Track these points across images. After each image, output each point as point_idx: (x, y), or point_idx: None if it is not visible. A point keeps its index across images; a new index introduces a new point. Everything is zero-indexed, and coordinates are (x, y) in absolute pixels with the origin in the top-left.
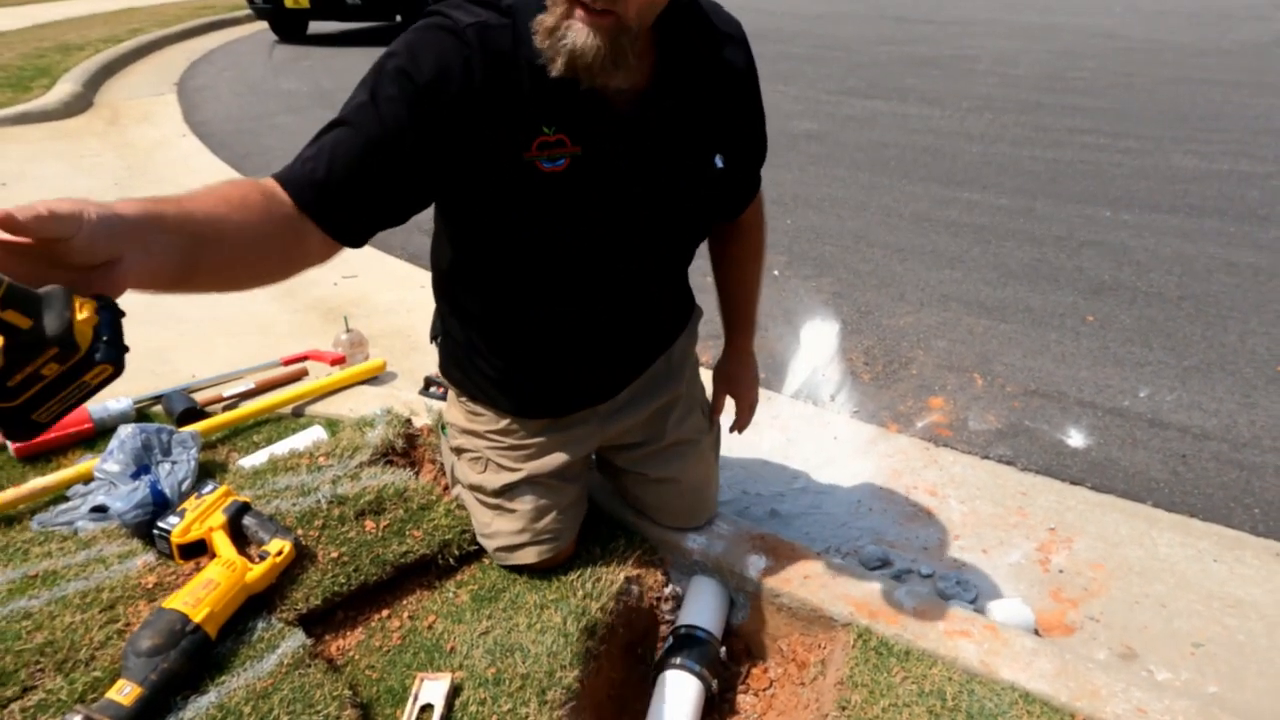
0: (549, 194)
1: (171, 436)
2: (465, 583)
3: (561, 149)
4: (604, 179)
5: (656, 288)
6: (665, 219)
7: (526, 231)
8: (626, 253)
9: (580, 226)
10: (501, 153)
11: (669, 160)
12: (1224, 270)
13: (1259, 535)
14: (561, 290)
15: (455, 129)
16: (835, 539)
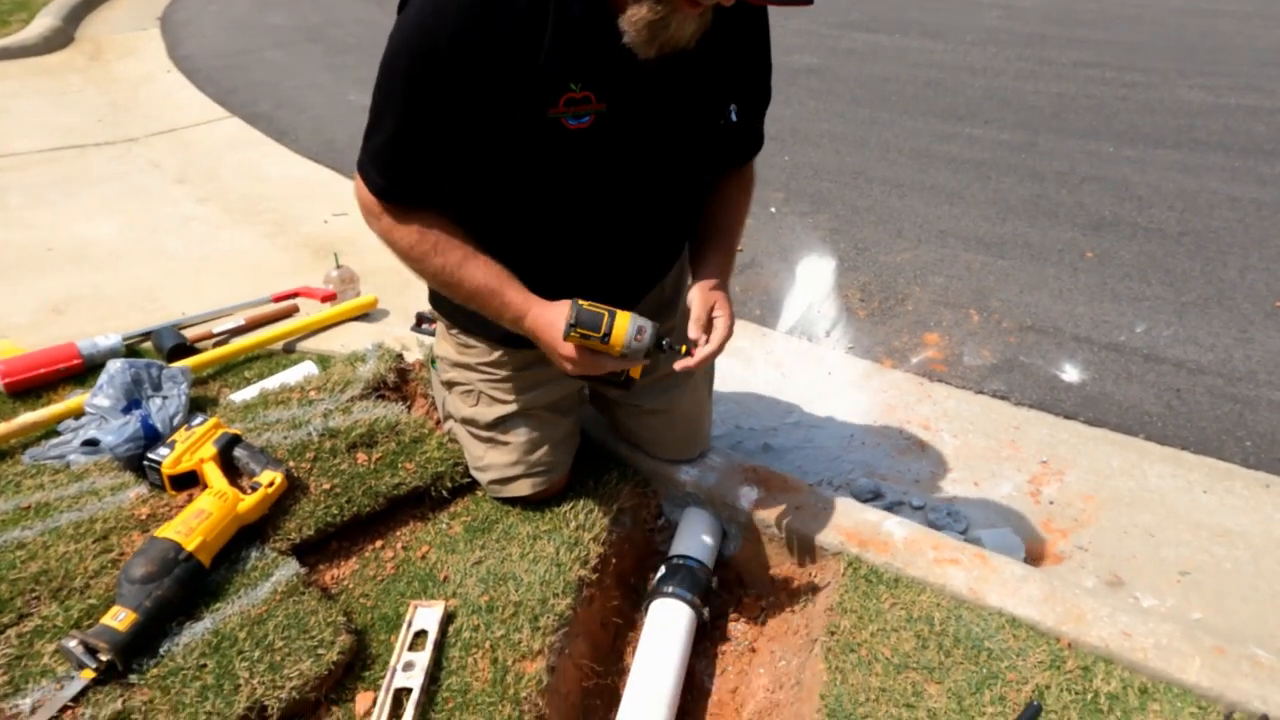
0: (572, 150)
1: (161, 371)
2: (458, 514)
3: (587, 105)
4: (626, 135)
5: (657, 226)
6: (677, 168)
7: (542, 183)
8: (634, 197)
9: (597, 178)
10: (526, 109)
11: (688, 113)
12: (1226, 205)
13: (1250, 467)
14: (563, 229)
15: (481, 86)
16: (827, 472)
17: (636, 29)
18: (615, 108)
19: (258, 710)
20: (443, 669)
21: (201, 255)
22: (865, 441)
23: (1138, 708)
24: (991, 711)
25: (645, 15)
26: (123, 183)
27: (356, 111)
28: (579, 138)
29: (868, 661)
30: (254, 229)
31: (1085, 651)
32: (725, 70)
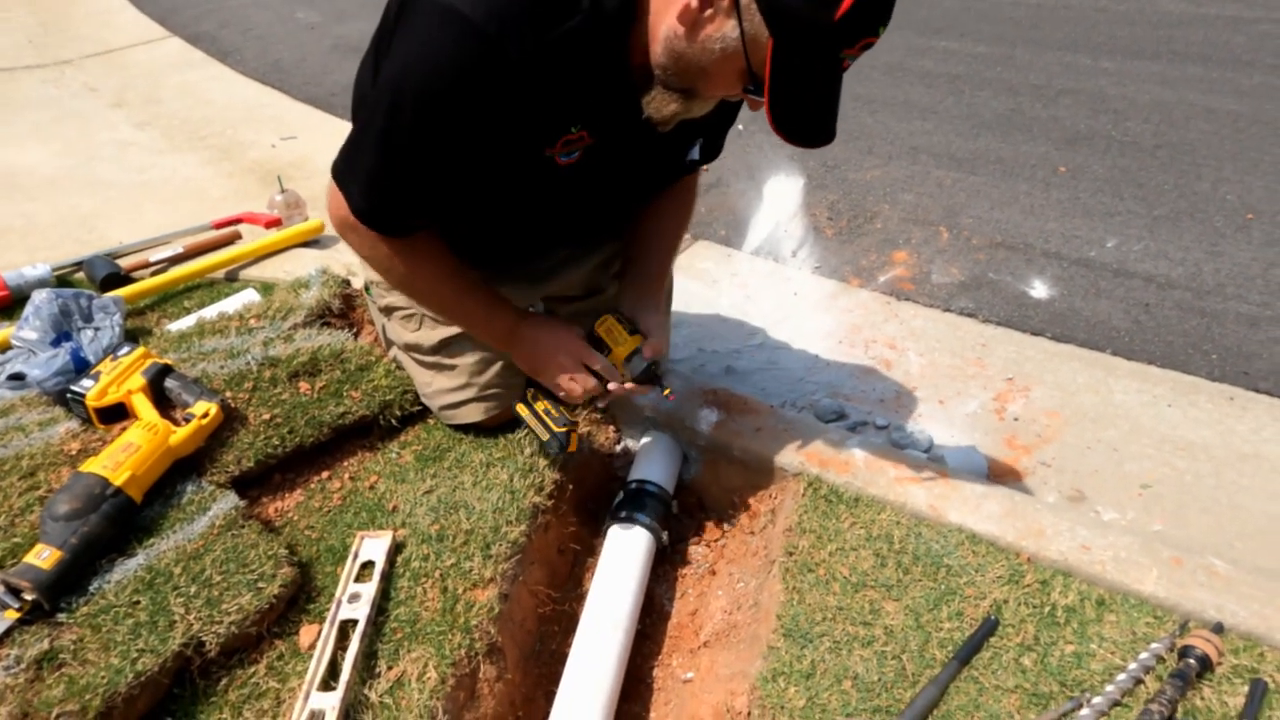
0: (559, 182)
1: (92, 302)
2: (409, 443)
3: (580, 143)
4: (609, 163)
5: (615, 219)
6: (651, 184)
7: (524, 208)
8: (602, 207)
9: (575, 200)
10: (524, 150)
11: (664, 150)
12: (1202, 117)
13: (1215, 380)
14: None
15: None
16: (791, 394)
17: (659, 115)
18: (603, 141)
19: (194, 646)
20: (391, 600)
21: (141, 182)
22: (830, 362)
23: (1094, 619)
24: (949, 627)
25: (673, 109)
26: (56, 107)
27: (303, 30)
28: (568, 171)
29: (825, 581)
30: (196, 154)
31: (1044, 566)
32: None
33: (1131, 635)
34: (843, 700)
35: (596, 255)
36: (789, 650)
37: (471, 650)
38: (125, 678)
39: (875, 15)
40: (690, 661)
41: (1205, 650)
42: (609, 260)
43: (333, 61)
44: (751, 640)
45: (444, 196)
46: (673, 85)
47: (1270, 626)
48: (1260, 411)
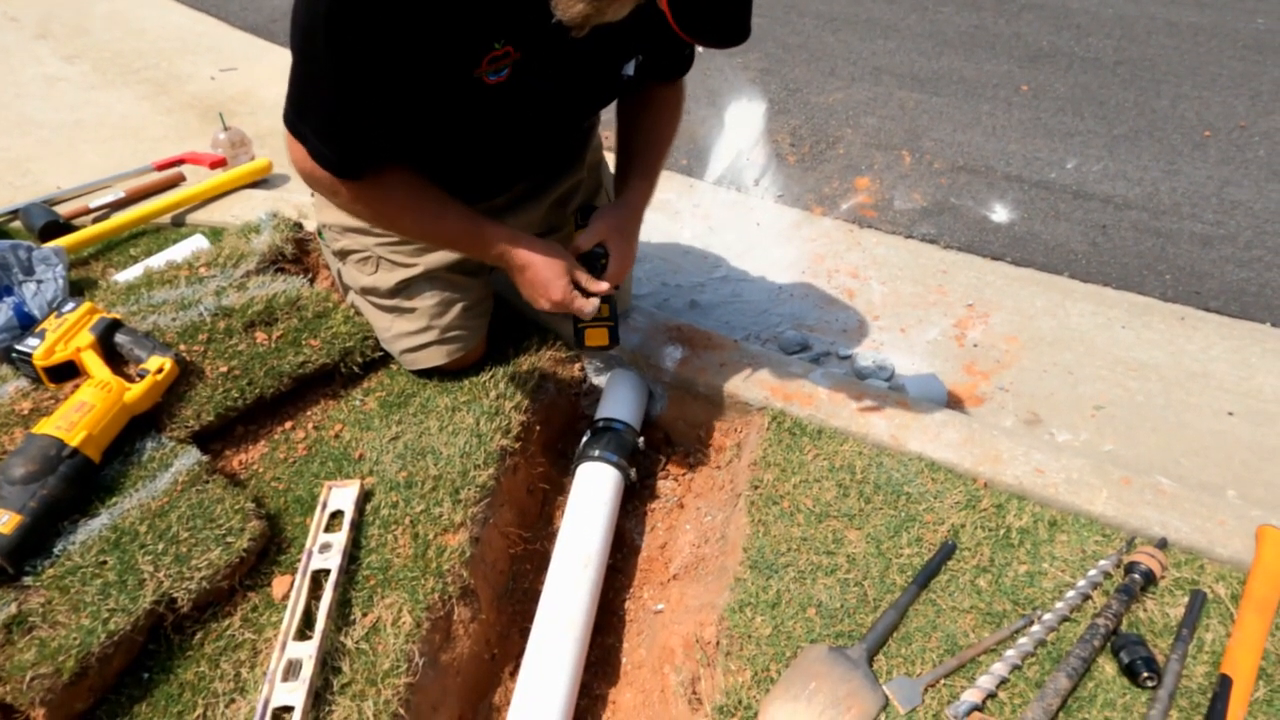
0: (492, 102)
1: (31, 253)
2: (372, 390)
3: (506, 59)
4: (539, 80)
5: (570, 137)
6: (588, 102)
7: (461, 131)
8: (548, 124)
9: (512, 121)
10: (450, 71)
11: (599, 61)
12: (1164, 31)
13: (1168, 300)
14: (472, 153)
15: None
16: (755, 326)
17: (568, 16)
18: (530, 56)
19: (166, 602)
20: (362, 548)
21: (74, 121)
22: (793, 293)
23: (1046, 539)
24: (908, 553)
25: (581, 9)
26: None
27: None
28: (498, 90)
29: (790, 513)
30: (131, 89)
31: (1000, 490)
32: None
33: (1081, 554)
34: (807, 627)
35: (553, 191)
36: (755, 581)
37: (445, 594)
38: (98, 638)
39: None
40: (660, 593)
41: (1149, 565)
42: (566, 196)
43: None
44: (719, 572)
45: (388, 123)
46: None
47: (1210, 540)
48: (1209, 331)
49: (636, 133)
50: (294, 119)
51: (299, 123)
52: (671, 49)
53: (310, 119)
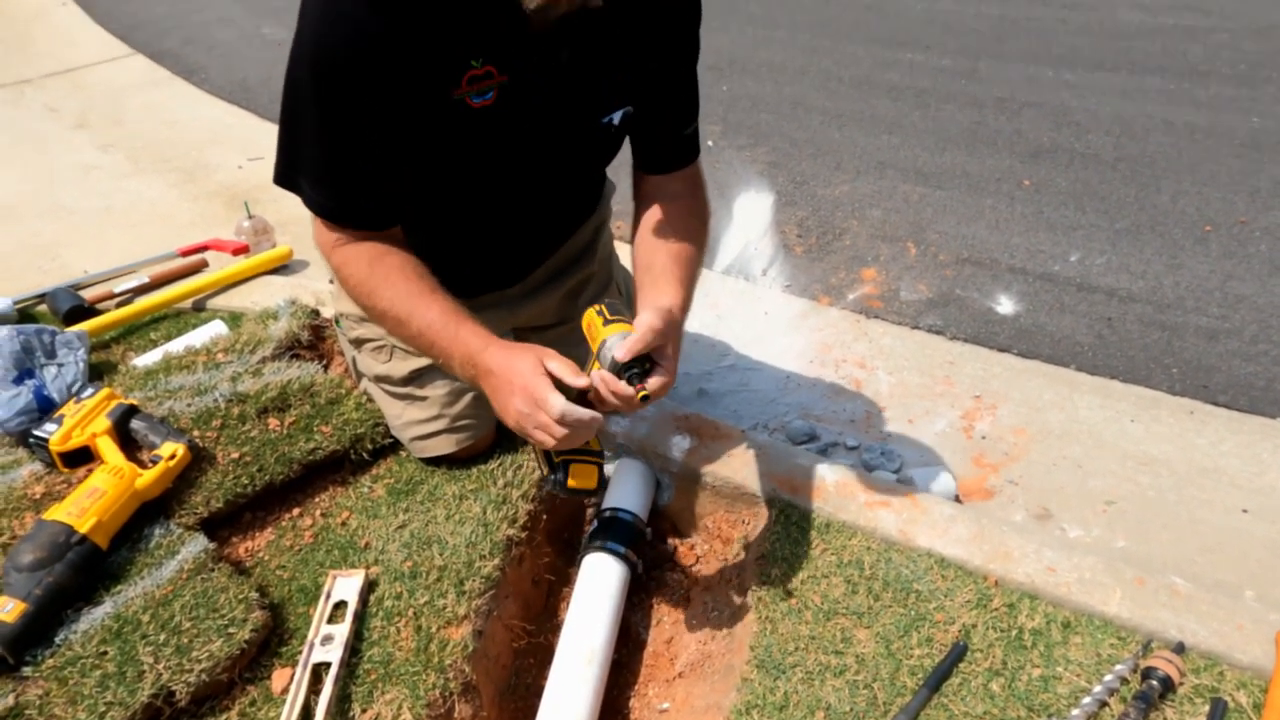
0: (478, 128)
1: (55, 337)
2: (381, 477)
3: (490, 81)
4: (528, 105)
5: (566, 190)
6: (582, 139)
7: (451, 164)
8: (542, 166)
9: (504, 154)
10: (430, 94)
11: (578, 85)
12: (1161, 130)
13: (1175, 394)
14: (474, 202)
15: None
16: (763, 415)
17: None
18: (517, 79)
19: (164, 696)
20: (364, 640)
21: (104, 207)
22: (801, 383)
23: (1060, 642)
24: (919, 654)
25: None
26: (16, 130)
27: (270, 47)
28: (484, 115)
29: (798, 610)
30: (162, 177)
31: (1011, 589)
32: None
33: (1096, 657)
34: None
35: (566, 282)
36: (762, 682)
37: (446, 690)
38: None
39: None
40: (666, 691)
41: (1167, 671)
42: (579, 288)
43: None
44: (726, 671)
45: (381, 162)
46: None
47: (1229, 645)
48: (1219, 425)
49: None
50: (287, 173)
51: (293, 174)
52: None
53: (303, 166)
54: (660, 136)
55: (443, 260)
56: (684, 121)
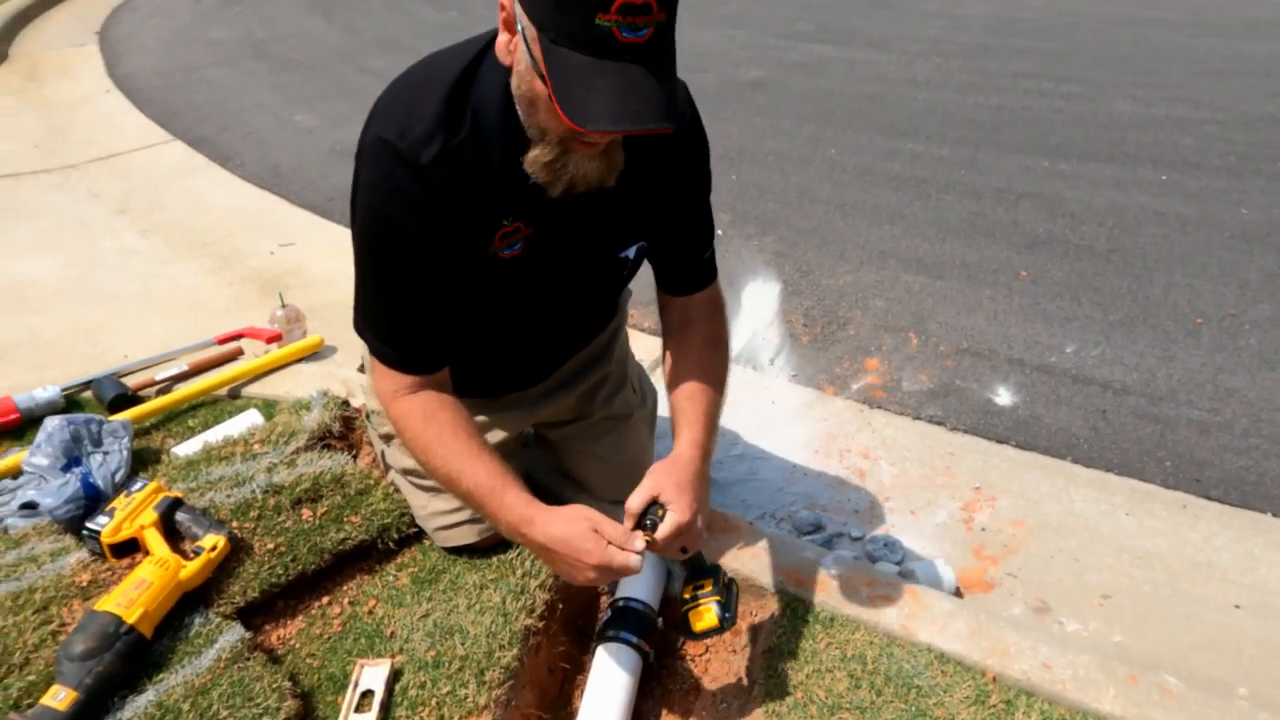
0: (508, 275)
1: (102, 426)
2: (405, 565)
3: (518, 234)
4: (551, 252)
5: (587, 309)
6: (600, 275)
7: (483, 304)
8: (563, 300)
9: (530, 292)
10: (467, 250)
11: (603, 237)
12: (1153, 221)
13: (1169, 488)
14: (499, 328)
15: (429, 243)
16: (770, 505)
17: (536, 170)
18: (542, 230)
19: None
20: None
21: (144, 293)
22: (807, 472)
23: None
24: None
25: (539, 156)
26: (61, 214)
27: (302, 134)
28: (513, 264)
29: (803, 704)
30: (198, 263)
31: (1009, 685)
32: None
33: None
34: None
35: (583, 383)
36: None
37: None
38: None
39: None
40: None
41: None
42: (595, 387)
43: (330, 166)
44: None
45: (425, 310)
46: (534, 136)
47: None
48: (1211, 519)
49: (683, 379)
50: (359, 322)
51: (361, 323)
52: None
53: (368, 316)
54: (679, 262)
55: (467, 368)
56: (701, 247)
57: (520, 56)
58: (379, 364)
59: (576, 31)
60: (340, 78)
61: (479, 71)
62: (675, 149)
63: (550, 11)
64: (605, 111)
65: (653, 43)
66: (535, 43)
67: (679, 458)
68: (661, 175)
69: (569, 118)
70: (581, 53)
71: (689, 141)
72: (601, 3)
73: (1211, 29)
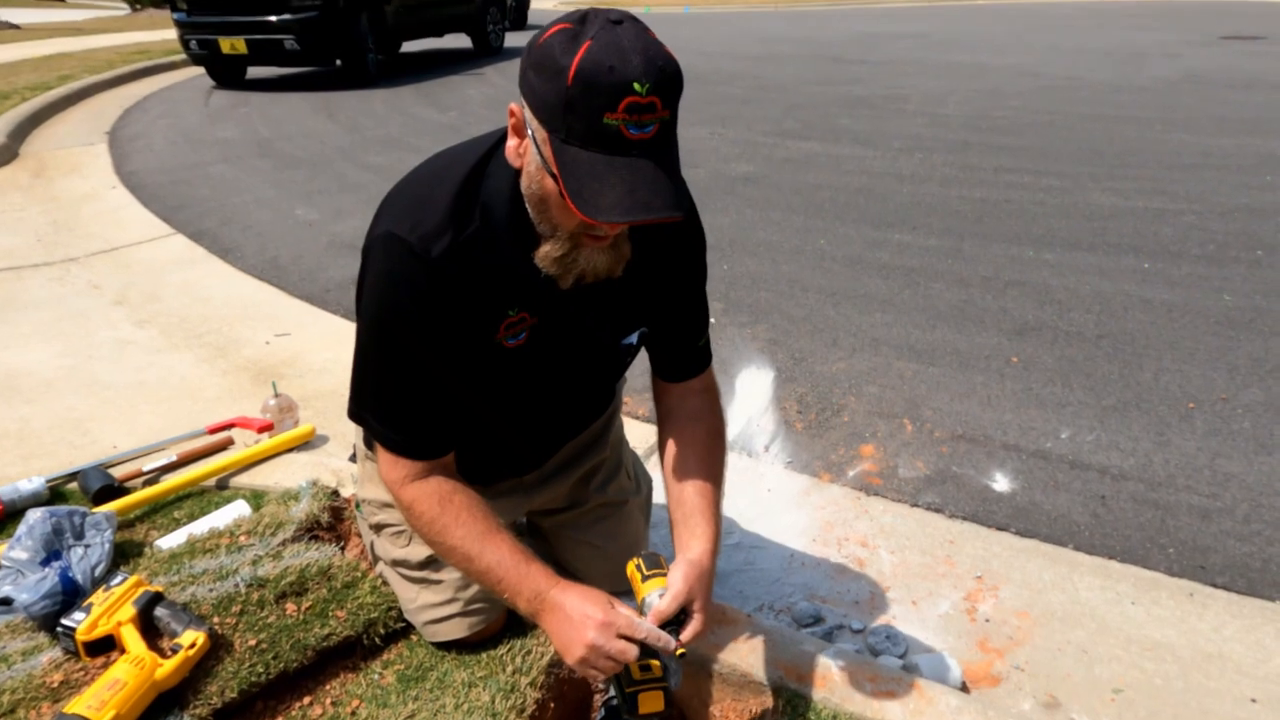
0: (512, 364)
1: (85, 519)
2: (391, 662)
3: (523, 324)
4: (556, 340)
5: (585, 397)
6: (601, 361)
7: (483, 394)
8: (563, 387)
9: (532, 380)
10: (472, 339)
11: (608, 325)
12: (1140, 308)
13: (1174, 575)
14: (498, 414)
15: (437, 333)
16: (768, 596)
17: (547, 264)
18: (546, 320)
19: None
20: None
21: (137, 382)
22: (805, 562)
23: None
24: None
25: (550, 251)
26: (60, 306)
27: (302, 227)
28: (517, 353)
29: None
30: (193, 352)
31: None
32: (645, 291)
33: None
34: None
35: (579, 469)
36: None
37: None
38: None
39: (619, 71)
40: None
41: None
42: (590, 473)
43: (328, 258)
44: None
45: (431, 397)
46: (545, 233)
47: None
48: (1219, 608)
49: (690, 475)
50: (358, 410)
51: (362, 412)
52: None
53: (370, 405)
54: (677, 349)
55: (463, 454)
56: (697, 335)
57: (530, 158)
58: (385, 451)
59: (586, 131)
60: (341, 174)
61: (487, 170)
62: (675, 238)
63: (561, 114)
64: (618, 204)
65: (658, 138)
66: (546, 144)
67: (702, 568)
68: (662, 263)
69: (583, 212)
70: (592, 150)
71: (688, 231)
72: (610, 104)
73: (1181, 126)
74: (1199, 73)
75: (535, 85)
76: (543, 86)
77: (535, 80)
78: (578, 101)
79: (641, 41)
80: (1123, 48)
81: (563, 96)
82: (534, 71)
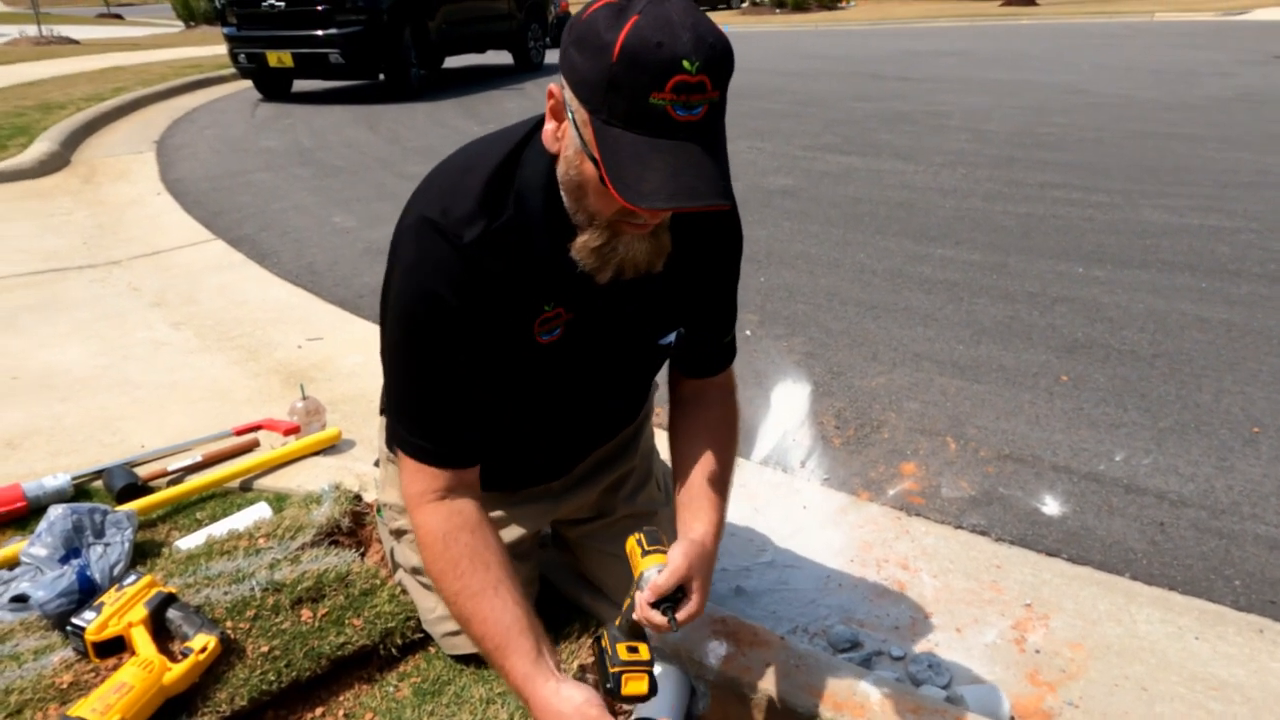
0: (546, 361)
1: (105, 517)
2: (407, 675)
3: (559, 320)
4: (591, 338)
5: (618, 399)
6: (636, 361)
7: (514, 393)
8: (598, 386)
9: (566, 378)
10: (505, 334)
11: (644, 322)
12: (1196, 327)
13: (1240, 609)
14: (530, 415)
15: (469, 324)
16: (803, 618)
17: (584, 255)
18: (581, 316)
19: None
20: None
21: (169, 383)
22: (842, 583)
23: None
24: None
25: (588, 241)
26: (98, 307)
27: (339, 234)
28: (551, 349)
29: None
30: (225, 354)
31: None
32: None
33: None
34: None
35: (607, 477)
36: None
37: None
38: None
39: (668, 47)
40: None
41: None
42: (619, 482)
43: (363, 264)
44: None
45: (463, 397)
46: (581, 222)
47: None
48: None
49: (698, 457)
50: (394, 430)
51: (395, 423)
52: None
53: (402, 415)
54: (703, 346)
55: (492, 459)
56: (725, 331)
57: (569, 141)
58: (409, 461)
59: (630, 111)
60: (380, 182)
61: (522, 158)
62: (716, 230)
63: (603, 93)
64: (660, 189)
65: (706, 121)
66: (586, 125)
67: (704, 548)
68: (701, 257)
69: (624, 197)
70: (635, 132)
71: (728, 223)
72: (656, 82)
73: (1236, 143)
74: (1253, 91)
75: (577, 63)
76: (585, 64)
77: (577, 57)
78: (622, 79)
79: (691, 16)
80: (1173, 66)
81: (606, 74)
82: (576, 48)
